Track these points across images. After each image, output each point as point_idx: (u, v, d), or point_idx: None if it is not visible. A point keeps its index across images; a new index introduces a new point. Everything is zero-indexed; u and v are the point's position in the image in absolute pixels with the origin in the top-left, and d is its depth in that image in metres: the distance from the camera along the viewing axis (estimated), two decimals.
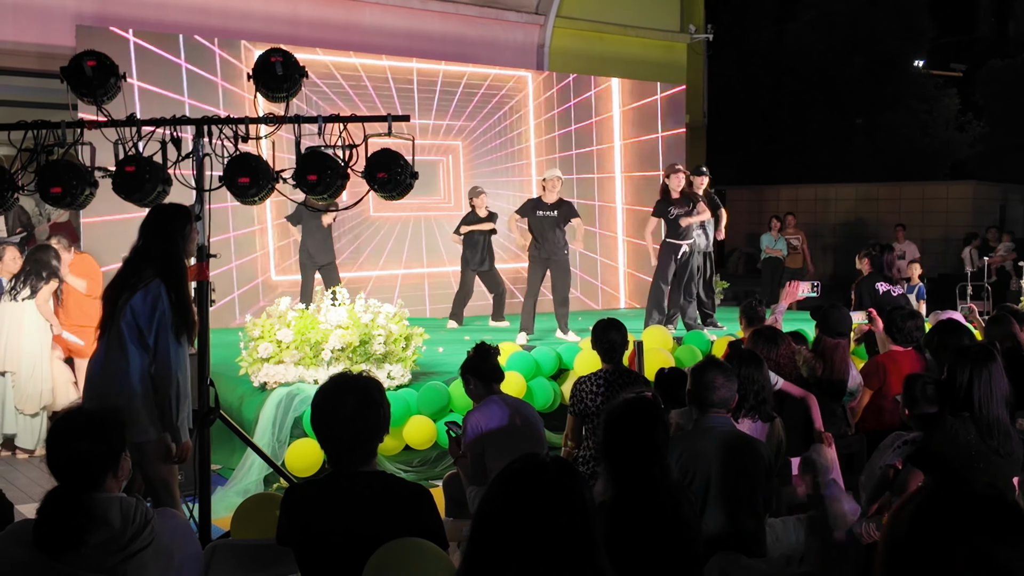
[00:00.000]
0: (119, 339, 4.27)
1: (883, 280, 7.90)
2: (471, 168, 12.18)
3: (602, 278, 13.28)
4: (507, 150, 12.47)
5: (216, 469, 6.53)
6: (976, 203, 21.16)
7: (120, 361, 4.25)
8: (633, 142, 13.59)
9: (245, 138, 5.07)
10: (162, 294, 4.29)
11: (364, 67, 11.41)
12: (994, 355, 4.41)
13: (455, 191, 12.06)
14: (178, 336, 4.36)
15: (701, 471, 3.81)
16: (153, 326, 4.25)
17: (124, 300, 4.27)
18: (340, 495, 2.88)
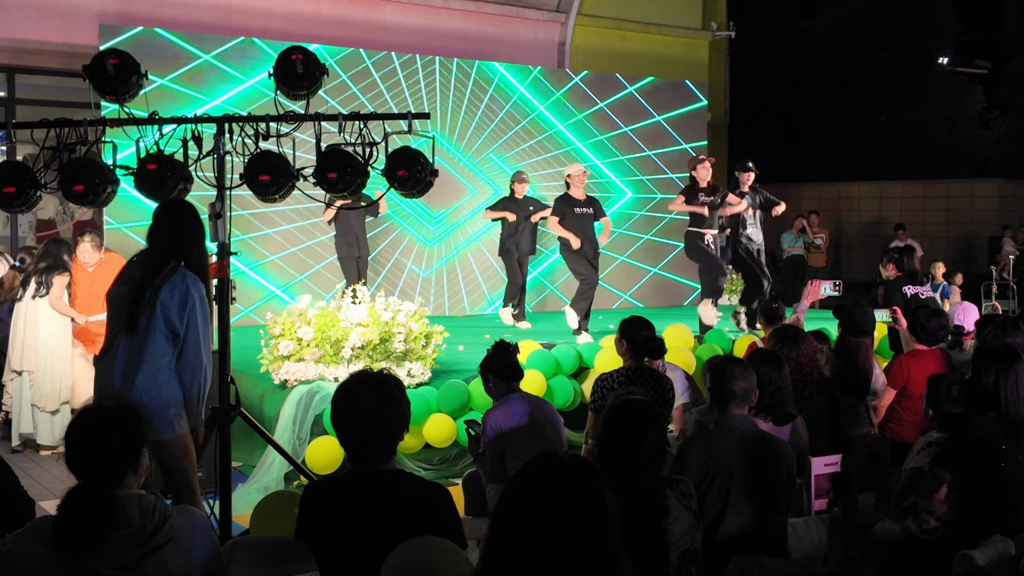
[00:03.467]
0: (147, 336, 4.22)
1: (911, 283, 7.84)
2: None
3: None
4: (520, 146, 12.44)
5: (237, 466, 6.55)
6: (1002, 201, 20.97)
7: (149, 359, 4.22)
8: (651, 140, 13.52)
9: (266, 136, 5.09)
10: (187, 284, 4.27)
11: (383, 63, 11.42)
12: (1020, 355, 4.37)
13: None
14: (206, 325, 4.33)
15: (723, 471, 3.79)
16: (184, 318, 4.23)
17: (150, 296, 4.22)
18: (359, 493, 2.87)
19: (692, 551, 3.35)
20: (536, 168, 12.20)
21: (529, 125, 12.42)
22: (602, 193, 12.34)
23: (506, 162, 12.12)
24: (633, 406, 3.38)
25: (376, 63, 11.32)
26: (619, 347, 5.43)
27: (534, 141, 12.46)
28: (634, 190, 13.32)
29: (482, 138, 12.08)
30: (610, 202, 12.81)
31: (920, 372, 5.82)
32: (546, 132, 12.57)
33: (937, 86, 26.67)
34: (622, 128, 13.18)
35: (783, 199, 10.29)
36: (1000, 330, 5.57)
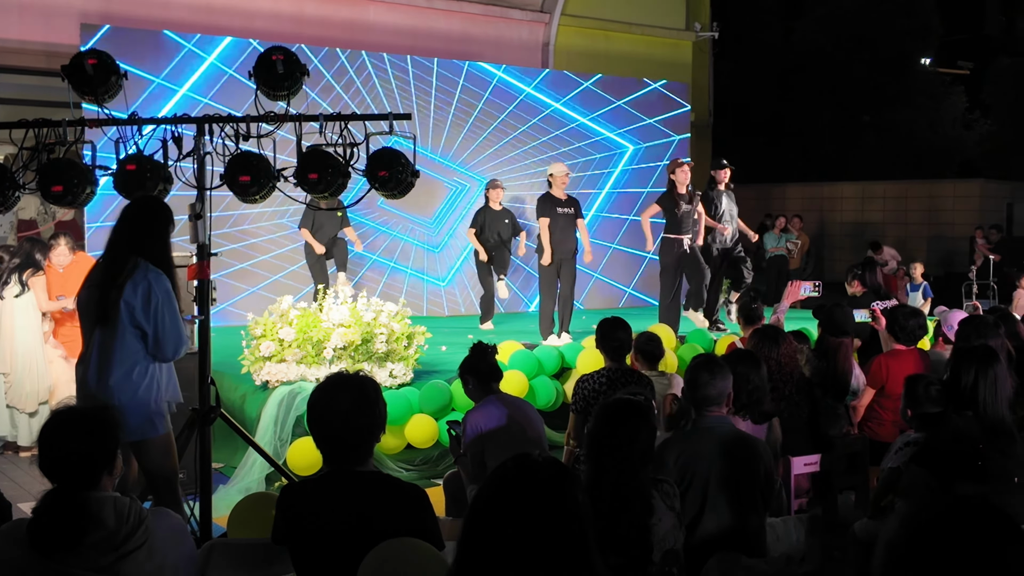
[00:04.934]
0: (117, 336, 4.23)
1: (876, 298, 7.85)
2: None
3: None
4: (504, 147, 12.44)
5: (218, 467, 6.54)
6: (983, 201, 21.09)
7: (120, 358, 4.22)
8: (637, 141, 13.54)
9: (246, 136, 5.07)
10: (150, 280, 4.25)
11: (371, 65, 11.39)
12: (998, 356, 4.41)
13: None
14: (175, 317, 4.32)
15: (700, 472, 3.80)
16: (151, 314, 4.23)
17: (115, 296, 4.22)
18: (336, 495, 2.87)
19: (674, 552, 3.37)
20: (522, 170, 12.19)
21: (515, 125, 12.41)
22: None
23: (489, 162, 12.12)
24: (627, 406, 3.39)
25: (358, 63, 11.29)
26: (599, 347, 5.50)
27: (514, 136, 12.46)
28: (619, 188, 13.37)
29: (463, 139, 12.07)
30: (591, 200, 12.85)
31: (899, 372, 5.85)
32: (531, 131, 12.57)
33: (920, 87, 26.81)
34: (616, 131, 13.21)
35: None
36: (976, 330, 5.61)
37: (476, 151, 12.11)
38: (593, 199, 13.00)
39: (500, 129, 12.29)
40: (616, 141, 13.31)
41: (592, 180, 13.05)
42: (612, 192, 13.32)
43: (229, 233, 10.29)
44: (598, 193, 13.11)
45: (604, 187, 13.22)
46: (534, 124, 12.57)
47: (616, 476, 3.27)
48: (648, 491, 3.34)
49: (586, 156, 13.00)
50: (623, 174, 13.41)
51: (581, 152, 12.94)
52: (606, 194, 13.28)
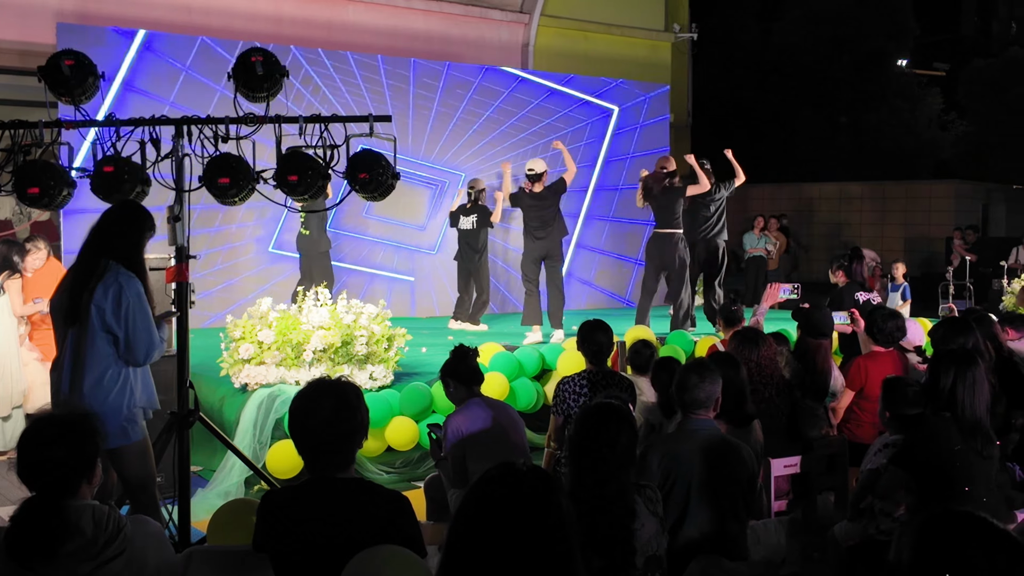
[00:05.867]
0: (88, 340, 4.19)
1: (860, 289, 7.91)
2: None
3: None
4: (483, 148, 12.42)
5: (197, 471, 6.49)
6: (958, 202, 21.27)
7: (92, 363, 4.19)
8: (616, 141, 13.56)
9: (225, 138, 5.04)
10: (120, 283, 4.22)
11: (354, 64, 11.34)
12: (977, 358, 4.44)
13: None
14: (147, 321, 4.29)
15: (683, 474, 3.80)
16: (121, 317, 4.19)
17: (86, 299, 4.18)
18: (317, 501, 2.85)
19: (657, 557, 3.37)
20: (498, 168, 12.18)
21: (495, 125, 12.40)
22: None
23: (470, 161, 12.11)
24: (608, 410, 3.40)
25: (337, 63, 11.25)
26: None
27: (493, 136, 12.44)
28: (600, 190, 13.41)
29: (443, 140, 12.04)
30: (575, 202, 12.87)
31: (877, 373, 5.88)
32: (511, 131, 12.57)
33: (896, 88, 27.00)
34: None
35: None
36: (950, 332, 5.65)
37: (456, 152, 12.08)
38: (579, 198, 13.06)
39: (480, 129, 12.27)
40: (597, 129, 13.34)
41: None
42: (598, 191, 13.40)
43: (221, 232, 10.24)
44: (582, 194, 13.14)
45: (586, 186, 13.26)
46: (514, 124, 12.55)
47: (597, 479, 3.27)
48: (630, 494, 3.35)
49: None
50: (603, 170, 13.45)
51: None
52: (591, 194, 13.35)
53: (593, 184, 13.37)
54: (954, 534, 1.74)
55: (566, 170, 9.61)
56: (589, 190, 13.31)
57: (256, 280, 10.64)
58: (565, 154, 9.57)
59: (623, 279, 13.68)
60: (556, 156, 11.07)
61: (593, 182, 13.38)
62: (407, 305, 11.77)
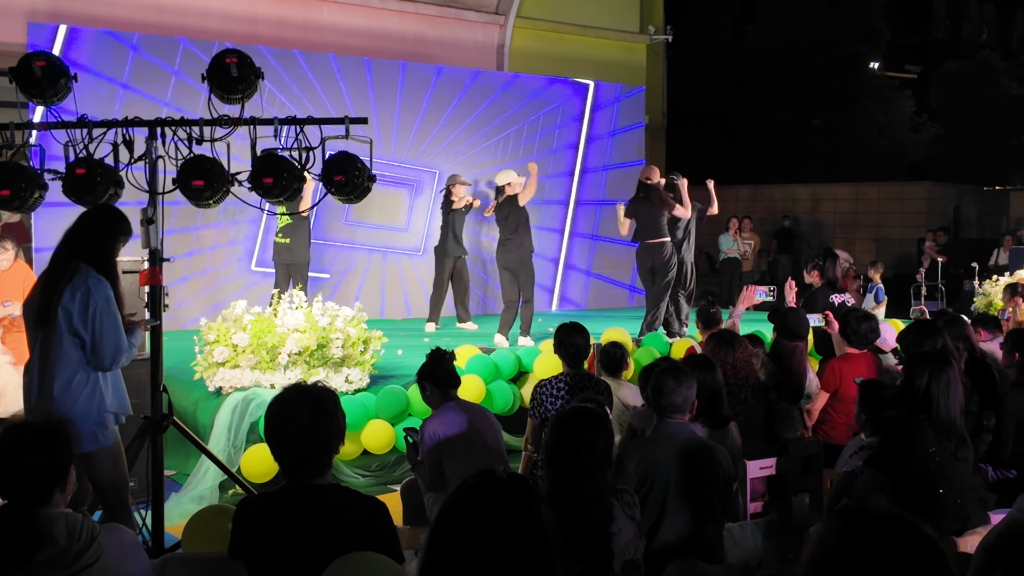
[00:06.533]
0: (56, 345, 4.15)
1: (834, 292, 7.93)
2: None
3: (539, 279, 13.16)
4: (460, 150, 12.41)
5: (170, 475, 6.44)
6: (931, 204, 21.46)
7: (60, 367, 4.14)
8: (591, 143, 13.59)
9: (199, 140, 5.00)
10: (89, 286, 4.18)
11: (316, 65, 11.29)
12: (952, 360, 4.48)
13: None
14: (116, 325, 4.25)
15: (660, 478, 3.81)
16: (88, 321, 4.16)
17: (55, 302, 4.14)
18: (294, 508, 2.83)
19: (634, 562, 3.37)
20: (478, 172, 12.17)
21: (471, 126, 12.39)
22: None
23: (449, 162, 12.09)
24: (584, 414, 3.40)
25: (312, 64, 11.20)
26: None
27: (471, 138, 12.43)
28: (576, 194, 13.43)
29: (419, 142, 12.02)
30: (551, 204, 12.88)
31: (852, 375, 5.92)
32: (489, 132, 12.56)
33: (869, 90, 27.24)
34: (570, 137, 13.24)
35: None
36: (918, 335, 5.70)
37: (428, 150, 12.05)
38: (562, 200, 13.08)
39: (456, 131, 12.25)
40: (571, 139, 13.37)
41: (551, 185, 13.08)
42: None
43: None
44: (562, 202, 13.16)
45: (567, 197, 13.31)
46: (493, 126, 12.55)
47: (575, 483, 3.27)
48: (608, 498, 3.35)
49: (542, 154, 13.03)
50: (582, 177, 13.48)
51: (539, 151, 12.97)
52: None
53: (574, 197, 13.41)
54: (871, 533, 1.75)
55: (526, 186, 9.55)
56: (570, 205, 13.36)
57: (234, 287, 10.57)
58: (532, 176, 9.53)
59: (615, 298, 13.71)
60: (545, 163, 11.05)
61: (574, 195, 13.41)
62: (400, 307, 11.80)
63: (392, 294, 11.84)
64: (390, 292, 11.84)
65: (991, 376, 6.13)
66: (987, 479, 5.17)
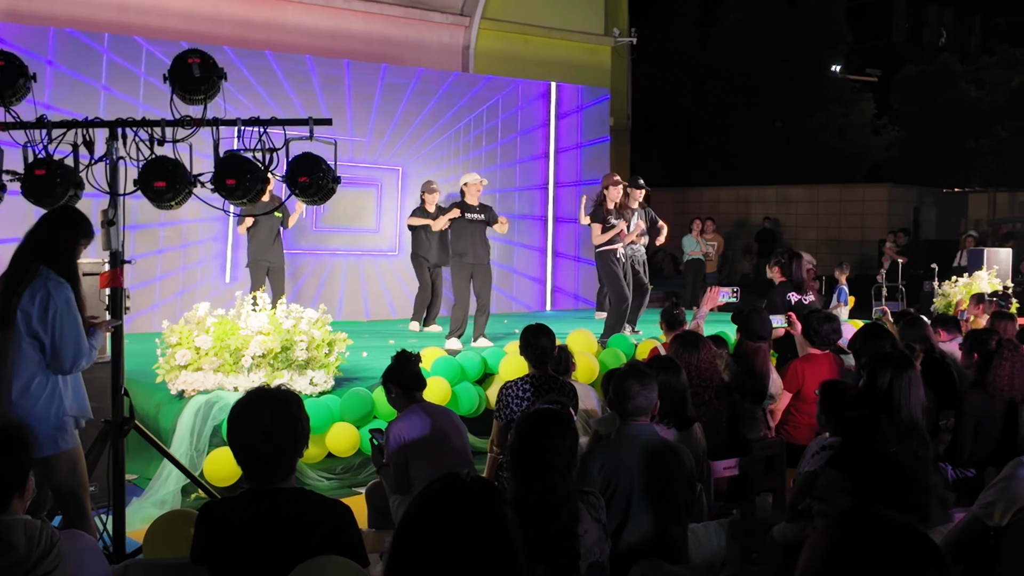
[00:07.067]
0: (15, 348, 4.09)
1: (793, 289, 7.97)
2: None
3: (516, 290, 13.22)
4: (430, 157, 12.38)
5: (132, 479, 6.35)
6: (891, 205, 21.73)
7: (19, 370, 4.09)
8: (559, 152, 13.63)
9: (161, 141, 4.94)
10: (49, 288, 4.13)
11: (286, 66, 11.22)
12: (913, 361, 4.53)
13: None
14: (76, 328, 4.19)
15: (624, 480, 3.82)
16: (48, 324, 4.10)
17: (13, 304, 4.10)
18: (257, 513, 2.81)
19: (600, 564, 3.38)
20: (441, 176, 12.13)
21: (436, 128, 12.36)
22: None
23: (416, 164, 12.07)
24: (548, 416, 3.40)
25: (276, 64, 11.12)
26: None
27: (438, 140, 12.41)
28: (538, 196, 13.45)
29: (385, 142, 11.97)
30: None
31: (814, 376, 5.98)
32: (453, 134, 12.54)
33: (831, 93, 27.53)
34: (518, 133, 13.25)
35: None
36: (868, 338, 5.77)
37: (394, 151, 12.02)
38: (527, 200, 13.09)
39: (422, 131, 12.22)
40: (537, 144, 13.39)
41: (511, 181, 13.09)
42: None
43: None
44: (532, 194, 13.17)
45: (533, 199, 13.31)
46: (456, 128, 12.54)
47: (541, 485, 3.27)
48: (574, 499, 3.35)
49: (509, 160, 13.04)
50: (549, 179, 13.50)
51: (505, 155, 12.98)
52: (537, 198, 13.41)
53: (551, 212, 13.45)
54: (868, 534, 1.72)
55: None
56: (549, 220, 13.41)
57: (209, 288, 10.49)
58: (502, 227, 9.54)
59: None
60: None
61: (551, 210, 13.44)
62: (384, 307, 11.77)
63: (373, 295, 11.82)
64: (371, 294, 11.80)
65: (950, 376, 6.22)
66: (946, 478, 5.24)
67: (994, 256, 12.78)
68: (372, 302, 11.80)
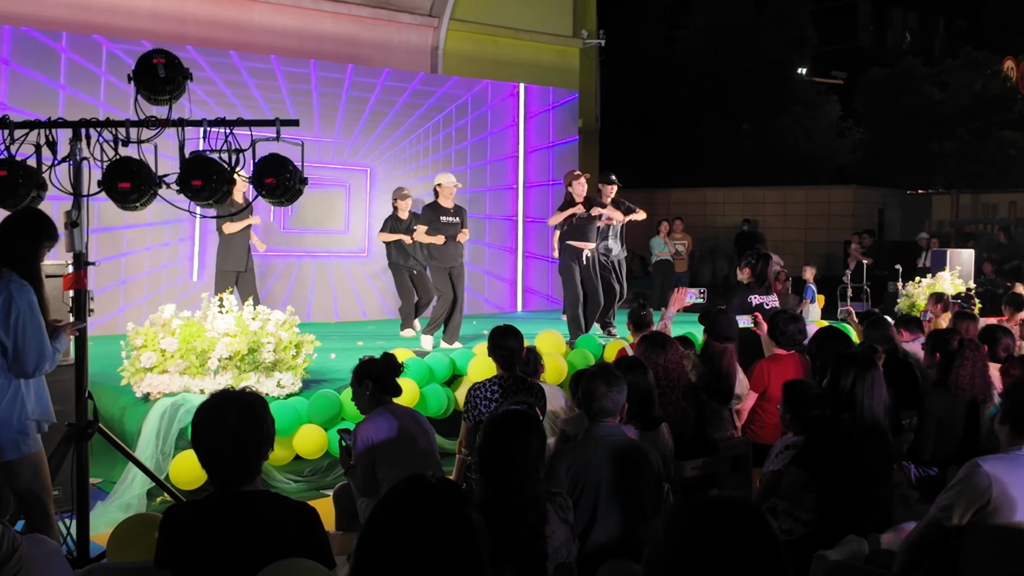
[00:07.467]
0: None
1: (757, 292, 7.92)
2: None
3: (488, 291, 13.23)
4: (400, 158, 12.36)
5: (96, 483, 6.29)
6: (856, 207, 21.96)
7: None
8: (529, 152, 13.65)
9: (126, 141, 4.90)
10: (11, 291, 4.08)
11: (252, 67, 11.15)
12: (876, 361, 4.58)
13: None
14: (39, 331, 4.14)
15: (591, 481, 3.83)
16: (10, 327, 4.06)
17: None
18: (222, 516, 2.79)
19: (567, 565, 3.39)
20: (411, 177, 12.11)
21: (405, 128, 12.34)
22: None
23: (385, 165, 12.04)
24: (515, 417, 3.41)
25: (243, 65, 11.05)
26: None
27: (405, 140, 12.39)
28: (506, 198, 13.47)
29: (353, 143, 11.94)
30: None
31: (780, 376, 6.03)
32: (422, 134, 12.52)
33: (797, 96, 27.78)
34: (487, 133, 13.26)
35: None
36: (824, 341, 5.83)
37: (362, 152, 11.99)
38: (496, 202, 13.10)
39: (383, 129, 12.18)
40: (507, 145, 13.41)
41: (481, 180, 13.09)
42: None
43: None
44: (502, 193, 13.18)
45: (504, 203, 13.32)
46: (425, 128, 12.52)
47: (510, 487, 3.28)
48: (542, 500, 3.37)
49: (479, 160, 13.05)
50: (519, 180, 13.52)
51: (475, 155, 12.99)
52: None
53: (522, 212, 13.44)
54: (705, 517, 1.77)
55: None
56: (519, 220, 13.39)
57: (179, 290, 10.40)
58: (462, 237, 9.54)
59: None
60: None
61: (521, 211, 13.43)
62: (354, 309, 11.74)
63: (343, 297, 11.77)
64: (341, 295, 11.75)
65: (913, 376, 6.30)
66: (910, 477, 5.30)
67: (957, 257, 12.95)
68: (342, 303, 11.75)
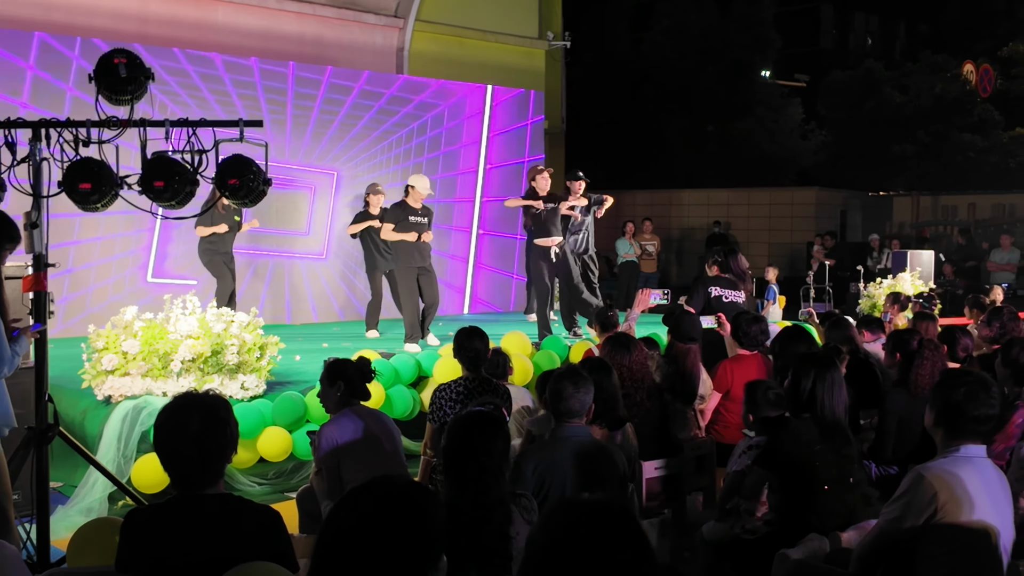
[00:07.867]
0: None
1: (717, 284, 7.93)
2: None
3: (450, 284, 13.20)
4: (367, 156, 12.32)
5: (57, 487, 6.22)
6: (819, 208, 22.19)
7: None
8: (494, 148, 13.65)
9: (87, 142, 4.85)
10: None
11: (226, 67, 11.06)
12: (836, 362, 4.64)
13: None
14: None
15: (557, 482, 3.85)
16: None
17: None
18: (184, 520, 2.78)
19: None
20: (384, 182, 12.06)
21: (369, 129, 12.30)
22: None
23: (350, 165, 11.99)
24: (480, 418, 3.42)
25: (206, 65, 10.96)
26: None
27: (369, 141, 12.35)
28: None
29: (318, 145, 11.88)
30: None
31: (743, 376, 6.08)
32: (388, 136, 12.49)
33: (760, 98, 28.00)
34: None
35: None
36: (787, 341, 5.89)
37: (331, 155, 11.94)
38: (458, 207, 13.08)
39: (353, 132, 12.14)
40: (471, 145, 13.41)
41: (450, 185, 13.08)
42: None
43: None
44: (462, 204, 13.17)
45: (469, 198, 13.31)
46: (389, 128, 12.49)
47: (475, 487, 3.28)
48: (507, 501, 3.37)
49: (447, 164, 13.03)
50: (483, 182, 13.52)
51: (443, 156, 12.97)
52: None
53: (479, 197, 13.44)
54: (575, 519, 1.84)
55: None
56: (476, 202, 13.40)
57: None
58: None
59: (505, 292, 13.76)
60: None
61: (478, 197, 13.44)
62: (306, 312, 11.68)
63: (296, 299, 11.68)
64: (294, 297, 11.67)
65: (874, 376, 6.38)
66: (870, 475, 5.36)
67: (917, 258, 13.11)
68: (295, 305, 11.66)
